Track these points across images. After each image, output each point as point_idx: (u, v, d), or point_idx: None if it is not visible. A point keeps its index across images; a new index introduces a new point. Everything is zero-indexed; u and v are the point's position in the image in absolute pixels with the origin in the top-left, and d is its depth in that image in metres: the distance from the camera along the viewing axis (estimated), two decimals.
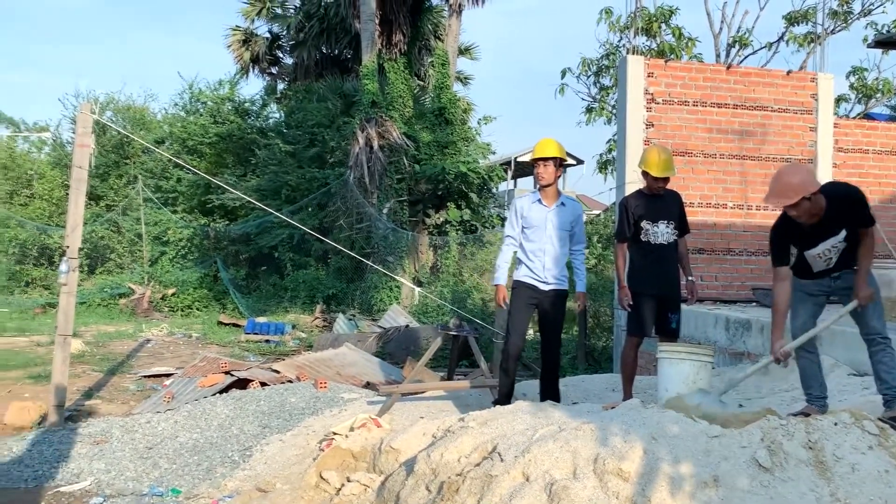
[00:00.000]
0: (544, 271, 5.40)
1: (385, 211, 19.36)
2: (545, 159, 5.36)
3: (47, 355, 10.46)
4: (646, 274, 5.36)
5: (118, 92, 32.96)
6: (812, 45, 15.19)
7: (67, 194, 8.45)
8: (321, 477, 4.79)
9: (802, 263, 4.33)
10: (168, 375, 10.31)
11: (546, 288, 5.42)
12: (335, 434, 5.36)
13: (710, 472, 3.43)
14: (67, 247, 7.45)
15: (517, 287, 5.49)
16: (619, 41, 16.14)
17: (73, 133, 23.20)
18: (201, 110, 25.42)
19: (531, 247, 5.45)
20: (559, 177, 5.48)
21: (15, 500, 5.14)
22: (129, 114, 27.44)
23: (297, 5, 26.91)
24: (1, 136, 28.92)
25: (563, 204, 5.49)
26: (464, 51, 26.25)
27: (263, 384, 8.16)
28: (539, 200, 5.48)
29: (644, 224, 5.35)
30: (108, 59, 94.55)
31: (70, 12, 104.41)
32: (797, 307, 4.36)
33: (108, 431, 6.58)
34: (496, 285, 5.57)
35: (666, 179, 5.36)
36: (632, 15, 13.05)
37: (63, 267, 7.35)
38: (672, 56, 14.20)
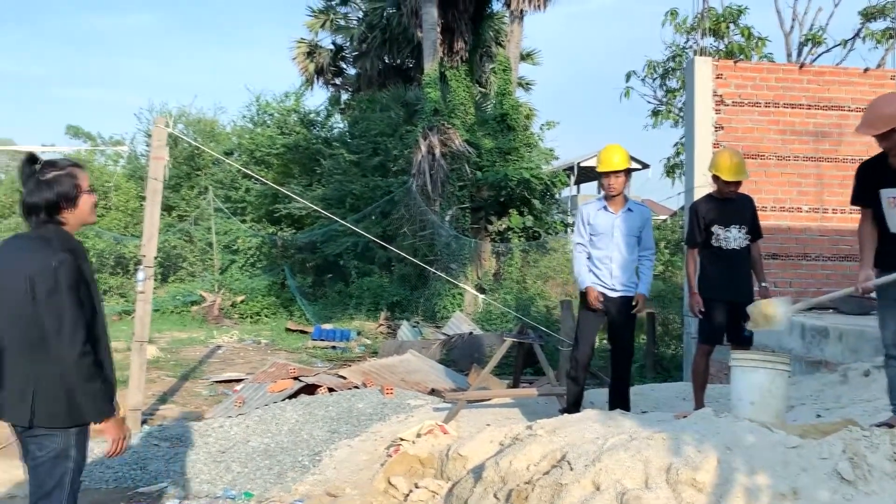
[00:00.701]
0: (612, 279, 5.34)
1: (447, 218, 19.43)
2: (616, 172, 5.29)
3: (124, 361, 10.80)
4: (718, 280, 5.23)
5: (189, 105, 34.12)
6: (891, 41, 14.62)
7: (142, 205, 8.77)
8: (389, 483, 4.82)
9: (883, 241, 4.04)
10: (239, 381, 10.56)
11: (614, 295, 5.35)
12: (402, 440, 5.39)
13: (788, 484, 3.32)
14: (144, 255, 7.72)
15: (585, 294, 5.44)
16: (686, 42, 15.87)
17: (148, 146, 24.04)
18: (268, 122, 26.02)
19: (598, 254, 5.39)
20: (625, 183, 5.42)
21: (97, 499, 5.34)
22: (200, 126, 28.30)
23: (360, 17, 27.32)
24: (80, 151, 30.19)
25: (629, 210, 5.42)
26: (525, 56, 26.16)
27: (331, 390, 8.27)
28: (605, 207, 5.41)
29: (715, 229, 5.23)
30: (180, 75, 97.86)
31: (143, 30, 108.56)
32: (884, 315, 4.10)
33: (182, 435, 6.78)
34: (585, 289, 5.41)
35: (738, 183, 5.23)
36: (699, 16, 12.82)
37: (140, 275, 7.61)
38: (741, 56, 13.87)
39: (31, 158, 3.02)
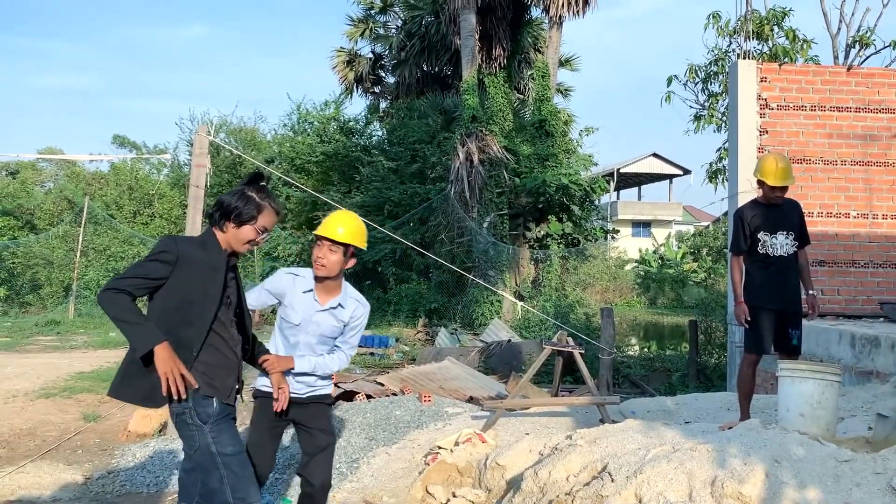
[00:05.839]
0: (296, 384, 3.75)
1: (485, 225, 19.38)
2: (334, 242, 3.77)
3: None
4: (764, 288, 5.08)
5: (230, 115, 34.65)
6: None
7: (185, 213, 8.88)
8: (427, 491, 4.78)
9: None
10: None
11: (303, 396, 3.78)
12: (440, 448, 5.35)
13: (840, 498, 3.20)
14: None
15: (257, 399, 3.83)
16: (728, 46, 15.57)
17: (190, 155, 24.44)
18: (308, 130, 26.31)
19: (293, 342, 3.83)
20: (346, 268, 3.90)
21: (139, 503, 5.40)
22: (241, 135, 28.70)
23: (399, 25, 27.49)
24: (126, 160, 30.85)
25: (340, 306, 3.85)
26: (564, 62, 26.04)
27: (369, 396, 8.26)
28: (310, 290, 3.85)
29: (761, 235, 5.09)
30: (222, 84, 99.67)
31: (186, 42, 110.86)
32: None
33: None
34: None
35: (784, 189, 5.09)
36: (742, 18, 12.59)
37: None
38: (786, 59, 13.58)
39: (258, 175, 3.41)
